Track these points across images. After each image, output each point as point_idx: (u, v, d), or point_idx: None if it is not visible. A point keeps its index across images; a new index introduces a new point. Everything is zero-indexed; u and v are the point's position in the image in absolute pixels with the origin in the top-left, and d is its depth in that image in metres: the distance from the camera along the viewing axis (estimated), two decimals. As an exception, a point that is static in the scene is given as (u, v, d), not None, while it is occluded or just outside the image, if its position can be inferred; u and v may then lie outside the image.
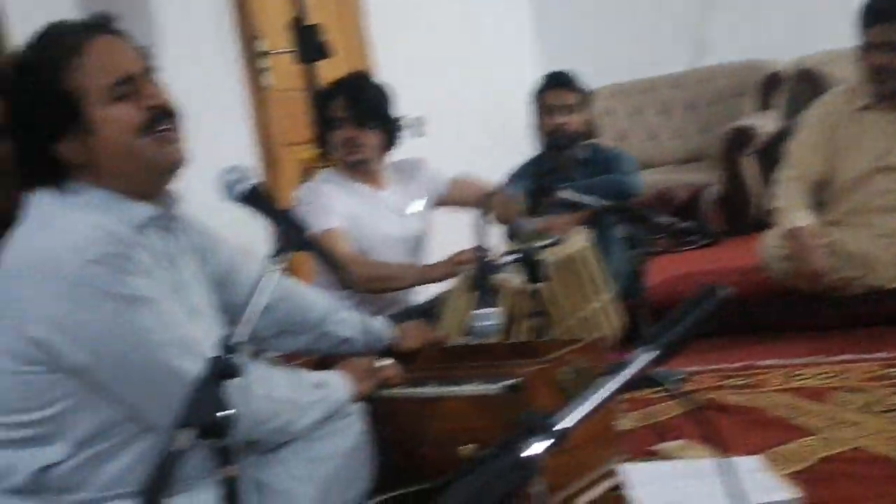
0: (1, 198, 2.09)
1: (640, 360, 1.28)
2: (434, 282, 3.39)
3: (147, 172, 2.01)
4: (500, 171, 4.39)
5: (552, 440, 1.12)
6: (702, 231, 5.51)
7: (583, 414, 1.16)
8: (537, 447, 1.11)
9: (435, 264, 3.37)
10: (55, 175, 1.98)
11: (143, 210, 2.01)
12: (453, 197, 3.75)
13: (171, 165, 2.04)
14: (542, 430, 1.12)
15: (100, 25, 2.02)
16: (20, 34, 3.26)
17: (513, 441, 1.11)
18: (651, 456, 2.70)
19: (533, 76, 4.61)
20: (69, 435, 1.92)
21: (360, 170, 3.58)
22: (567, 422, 1.15)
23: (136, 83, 1.98)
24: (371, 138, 3.53)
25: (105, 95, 1.95)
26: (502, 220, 3.51)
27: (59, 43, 1.96)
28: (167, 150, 2.01)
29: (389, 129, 3.58)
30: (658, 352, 1.29)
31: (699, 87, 6.55)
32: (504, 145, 5.65)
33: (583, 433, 1.81)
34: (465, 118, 6.06)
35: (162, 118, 2.00)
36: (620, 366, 1.30)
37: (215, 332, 2.09)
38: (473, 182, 3.76)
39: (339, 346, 2.52)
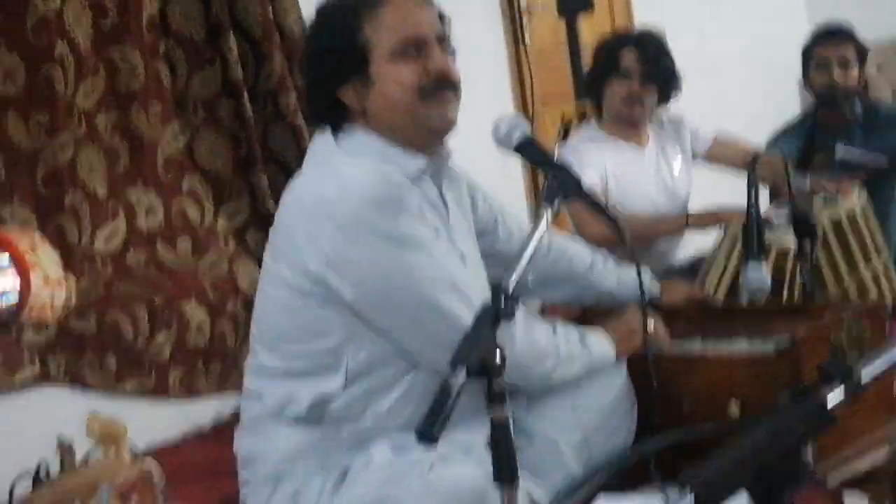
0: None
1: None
2: (697, 229, 3.30)
3: (417, 130, 2.06)
4: (765, 129, 4.24)
5: (853, 389, 1.08)
6: None
7: (884, 367, 1.11)
8: (837, 395, 1.07)
9: (700, 213, 3.29)
10: (336, 118, 2.07)
11: (416, 161, 2.06)
12: (716, 156, 3.65)
13: (440, 129, 2.08)
14: (844, 377, 1.08)
15: None
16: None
17: (812, 388, 1.07)
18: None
19: (802, 29, 4.41)
20: (344, 367, 2.00)
21: (626, 125, 3.53)
22: (868, 372, 1.10)
23: (427, 46, 2.03)
24: (652, 95, 3.47)
25: (393, 52, 2.01)
26: (769, 180, 3.38)
27: None
28: (439, 112, 2.05)
29: (668, 88, 3.52)
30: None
31: None
32: (771, 102, 5.46)
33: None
34: (729, 74, 5.88)
35: (443, 87, 2.05)
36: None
37: (482, 279, 2.14)
38: (737, 141, 3.64)
39: (603, 297, 2.51)
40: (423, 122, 2.04)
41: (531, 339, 2.07)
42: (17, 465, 2.33)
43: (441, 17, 2.10)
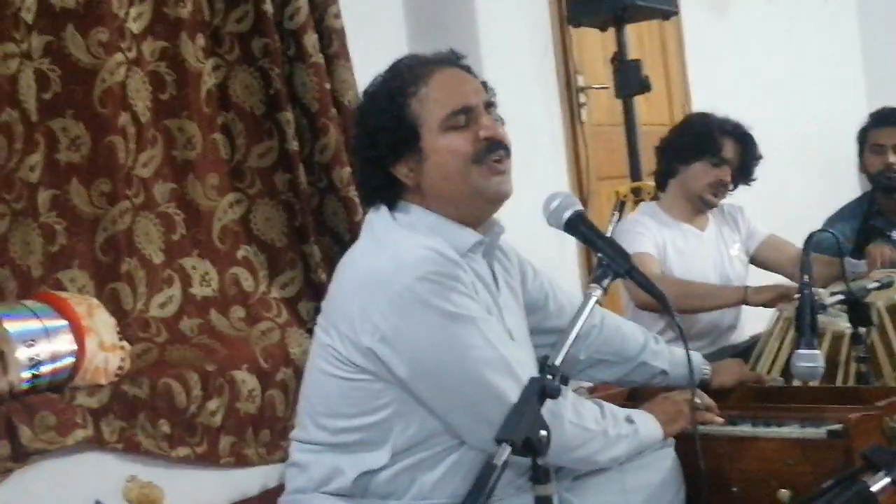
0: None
1: None
2: (753, 304, 3.27)
3: (473, 199, 2.08)
4: (824, 212, 4.21)
5: (899, 478, 1.06)
6: None
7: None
8: (883, 482, 1.06)
9: (757, 287, 3.26)
10: (390, 195, 2.09)
11: (469, 236, 2.08)
12: (768, 256, 3.64)
13: (496, 195, 2.10)
14: (890, 463, 1.06)
15: (447, 59, 2.12)
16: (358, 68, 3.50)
17: (858, 473, 1.06)
18: None
19: (860, 112, 4.40)
20: (391, 442, 2.00)
21: (693, 209, 3.54)
22: (916, 461, 1.08)
23: (474, 114, 2.06)
24: (729, 193, 3.53)
25: (441, 124, 2.04)
26: (825, 280, 3.36)
27: (406, 73, 2.09)
28: (495, 179, 2.08)
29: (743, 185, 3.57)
30: None
31: None
32: (826, 186, 5.42)
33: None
34: (785, 156, 5.86)
35: (496, 148, 2.07)
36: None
37: (529, 357, 2.14)
38: (790, 244, 3.61)
39: (654, 378, 2.50)
40: (479, 189, 2.06)
41: (579, 419, 2.05)
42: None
43: (485, 85, 2.13)
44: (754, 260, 3.66)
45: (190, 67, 3.31)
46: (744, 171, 3.54)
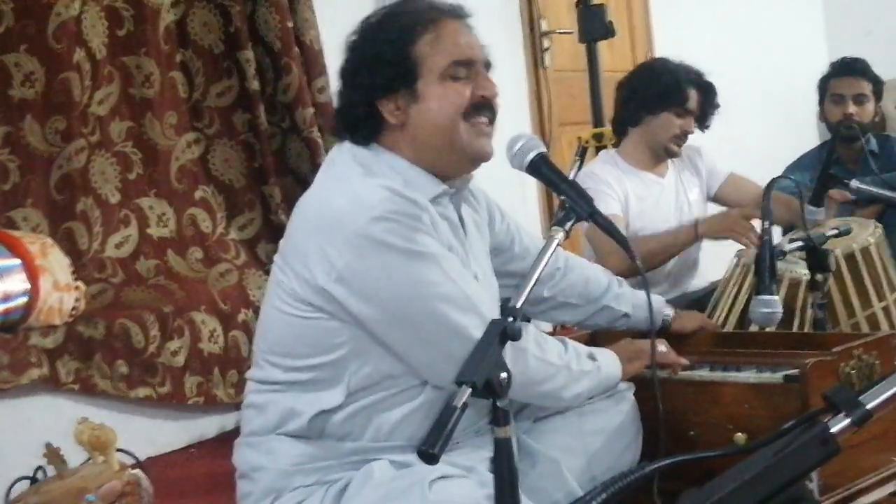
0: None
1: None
2: (706, 237, 3.30)
3: (453, 153, 2.06)
4: (784, 160, 4.23)
5: (859, 417, 1.06)
6: None
7: (891, 395, 1.09)
8: (843, 423, 1.06)
9: (706, 221, 3.28)
10: (366, 130, 2.06)
11: (435, 185, 2.05)
12: (729, 194, 3.64)
13: (478, 155, 2.08)
14: (850, 405, 1.06)
15: (457, 12, 2.10)
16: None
17: (818, 414, 1.06)
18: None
19: (820, 62, 4.41)
20: (347, 382, 1.98)
21: (654, 157, 3.54)
22: (875, 400, 1.09)
23: (474, 70, 2.05)
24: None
25: (443, 71, 2.02)
26: (782, 221, 3.38)
27: (417, 13, 2.06)
28: (480, 140, 2.06)
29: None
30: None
31: None
32: (786, 134, 5.45)
33: (867, 430, 1.72)
34: (746, 105, 5.87)
35: (486, 109, 2.06)
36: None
37: (495, 298, 2.13)
38: (750, 182, 3.61)
39: (618, 321, 2.50)
40: (462, 145, 2.04)
41: (543, 354, 2.05)
42: (17, 469, 2.32)
43: (484, 46, 2.11)
44: (716, 199, 3.66)
45: (148, 3, 3.25)
46: (702, 119, 3.53)
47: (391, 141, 2.05)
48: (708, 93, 3.51)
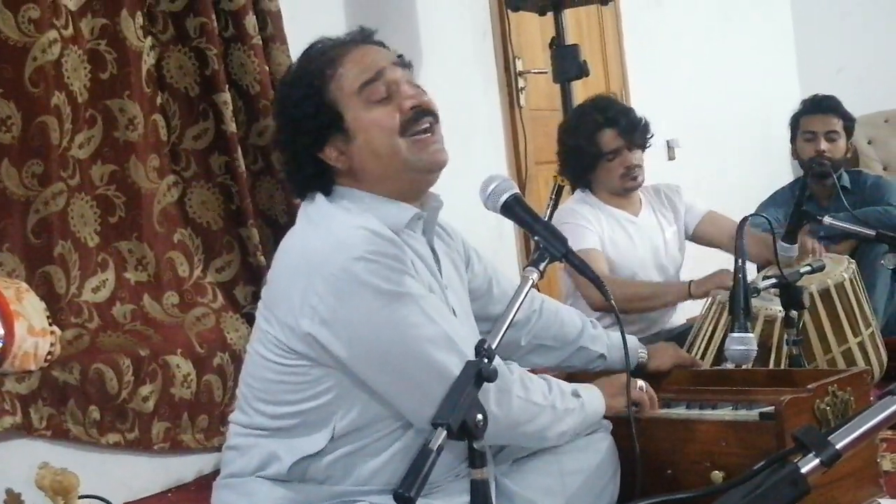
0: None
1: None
2: (695, 299, 3.30)
3: (406, 173, 2.06)
4: (758, 197, 4.27)
5: (828, 457, 1.07)
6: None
7: (860, 433, 1.10)
8: (812, 463, 1.07)
9: (699, 280, 3.29)
10: (322, 180, 2.07)
11: (406, 210, 2.06)
12: (706, 231, 3.66)
13: (431, 165, 2.07)
14: (819, 445, 1.07)
15: (358, 37, 2.11)
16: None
17: (789, 454, 1.07)
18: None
19: (793, 99, 4.46)
20: (331, 426, 1.98)
21: (621, 194, 3.55)
22: (845, 440, 1.10)
23: (391, 82, 2.05)
24: (641, 157, 3.52)
25: (360, 98, 2.02)
26: (758, 258, 3.40)
27: (320, 57, 2.07)
28: (427, 150, 2.05)
29: (647, 139, 3.56)
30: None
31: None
32: (762, 170, 5.49)
33: (844, 467, 1.73)
34: (720, 141, 5.94)
35: (421, 117, 2.05)
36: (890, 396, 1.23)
37: (472, 333, 2.13)
38: (728, 219, 3.63)
39: (593, 362, 2.51)
40: (410, 163, 2.04)
41: (527, 394, 2.04)
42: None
43: (401, 59, 2.12)
44: (694, 236, 3.68)
45: (131, 46, 3.26)
46: (636, 140, 3.48)
47: (348, 182, 2.07)
48: (619, 122, 3.48)
